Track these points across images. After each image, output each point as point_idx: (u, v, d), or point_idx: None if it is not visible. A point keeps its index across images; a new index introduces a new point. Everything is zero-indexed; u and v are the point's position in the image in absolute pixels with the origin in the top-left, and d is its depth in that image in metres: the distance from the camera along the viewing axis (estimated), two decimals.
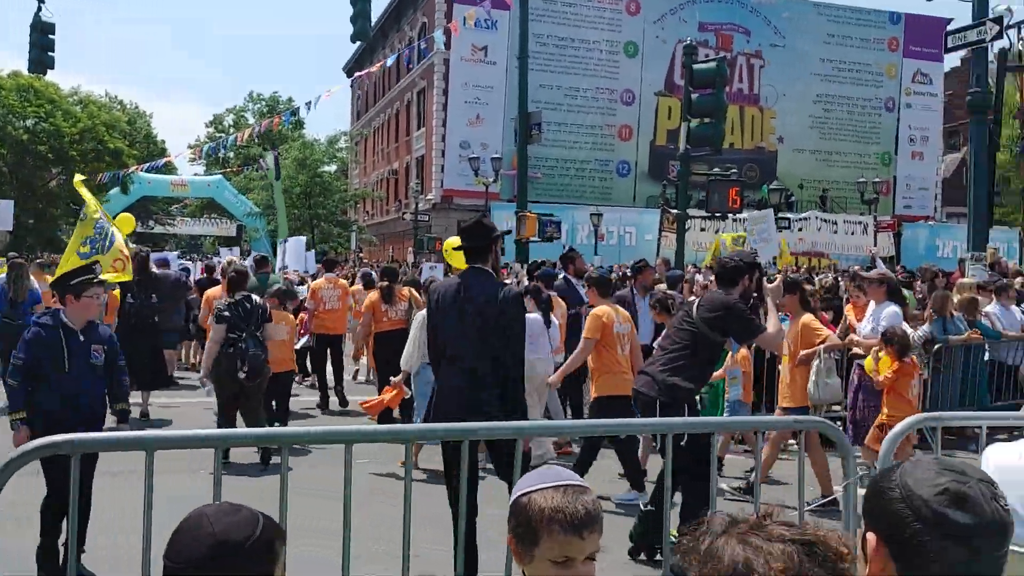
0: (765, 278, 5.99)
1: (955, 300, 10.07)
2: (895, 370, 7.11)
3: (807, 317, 7.23)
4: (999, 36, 13.46)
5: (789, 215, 29.16)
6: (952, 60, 41.18)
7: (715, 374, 7.10)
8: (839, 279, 13.61)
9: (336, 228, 45.07)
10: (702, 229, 27.37)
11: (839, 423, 10.00)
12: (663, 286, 10.48)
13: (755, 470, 3.63)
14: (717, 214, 14.43)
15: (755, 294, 5.56)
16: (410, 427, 5.47)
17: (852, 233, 31.47)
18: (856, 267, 22.99)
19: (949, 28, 15.04)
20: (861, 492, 3.22)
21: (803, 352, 6.96)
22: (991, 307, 10.37)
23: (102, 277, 6.23)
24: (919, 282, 13.90)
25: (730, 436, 8.15)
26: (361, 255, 40.84)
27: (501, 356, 4.64)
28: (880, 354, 7.37)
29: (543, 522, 1.65)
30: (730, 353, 7.57)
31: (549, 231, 20.07)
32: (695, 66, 13.11)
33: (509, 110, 33.73)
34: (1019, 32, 16.46)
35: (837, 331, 8.57)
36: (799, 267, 24.46)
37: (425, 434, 4.40)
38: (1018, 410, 7.98)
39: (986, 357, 10.03)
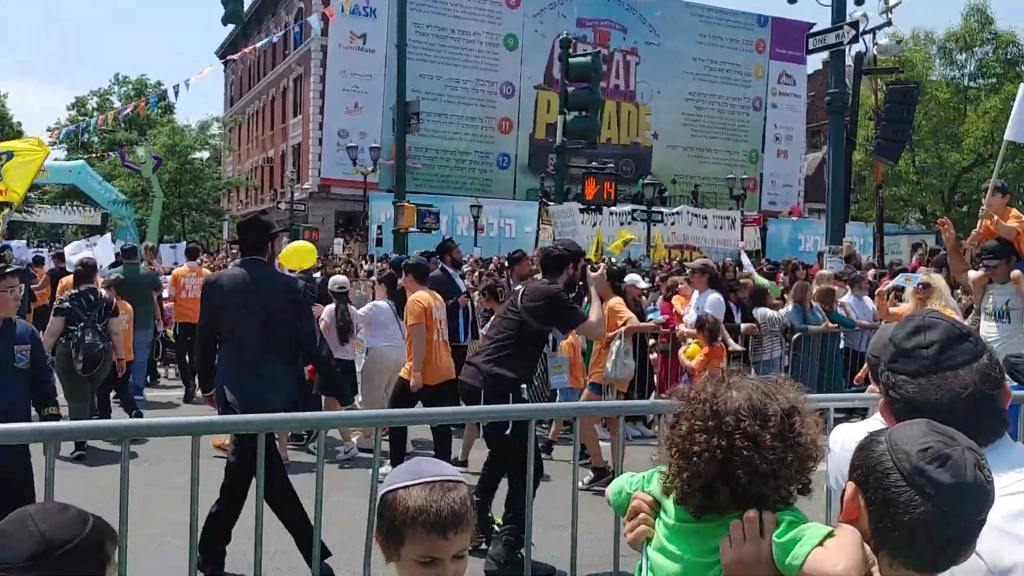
0: (590, 267, 6.13)
1: (814, 291, 10.63)
2: (706, 354, 7.54)
3: (614, 301, 7.62)
4: (855, 40, 14.20)
5: (662, 209, 29.91)
6: (815, 63, 43.12)
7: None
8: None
9: (208, 217, 43.55)
10: (581, 222, 27.84)
11: None
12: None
13: (616, 455, 3.64)
14: (592, 207, 14.65)
15: (580, 283, 5.66)
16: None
17: (721, 227, 32.58)
18: (727, 259, 23.93)
19: (810, 31, 15.75)
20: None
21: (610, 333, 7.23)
22: (846, 297, 10.95)
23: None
24: (782, 274, 14.55)
25: (591, 421, 8.27)
26: (234, 246, 39.58)
27: (289, 344, 4.97)
28: (691, 340, 7.81)
29: (407, 522, 1.59)
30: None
31: (427, 222, 19.98)
32: (571, 60, 13.26)
33: (388, 99, 33.37)
34: (874, 37, 17.34)
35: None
36: (671, 259, 25.20)
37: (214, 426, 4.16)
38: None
39: (841, 344, 10.61)
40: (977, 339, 1.73)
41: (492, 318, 7.00)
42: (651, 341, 10.30)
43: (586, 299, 5.69)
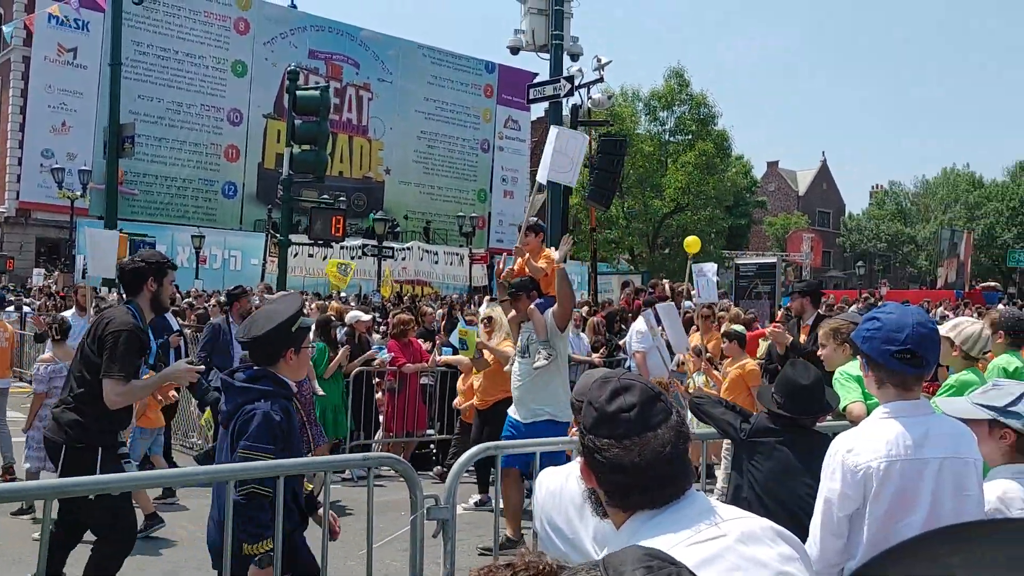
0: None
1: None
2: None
3: None
4: (571, 93, 15.26)
5: (393, 244, 30.18)
6: (538, 110, 45.70)
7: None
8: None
9: None
10: (310, 255, 27.36)
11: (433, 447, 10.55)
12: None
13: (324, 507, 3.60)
14: (319, 241, 14.47)
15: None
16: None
17: (451, 263, 33.50)
18: (455, 295, 24.55)
19: (531, 82, 16.70)
20: (432, 524, 3.35)
21: None
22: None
23: None
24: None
25: None
26: None
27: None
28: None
29: None
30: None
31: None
32: (299, 92, 13.08)
33: (101, 119, 30.92)
34: (588, 91, 18.68)
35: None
36: (402, 294, 25.42)
37: None
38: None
39: None
40: (666, 397, 1.80)
41: None
42: (375, 380, 10.27)
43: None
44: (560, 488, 2.44)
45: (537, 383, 6.32)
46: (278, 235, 14.58)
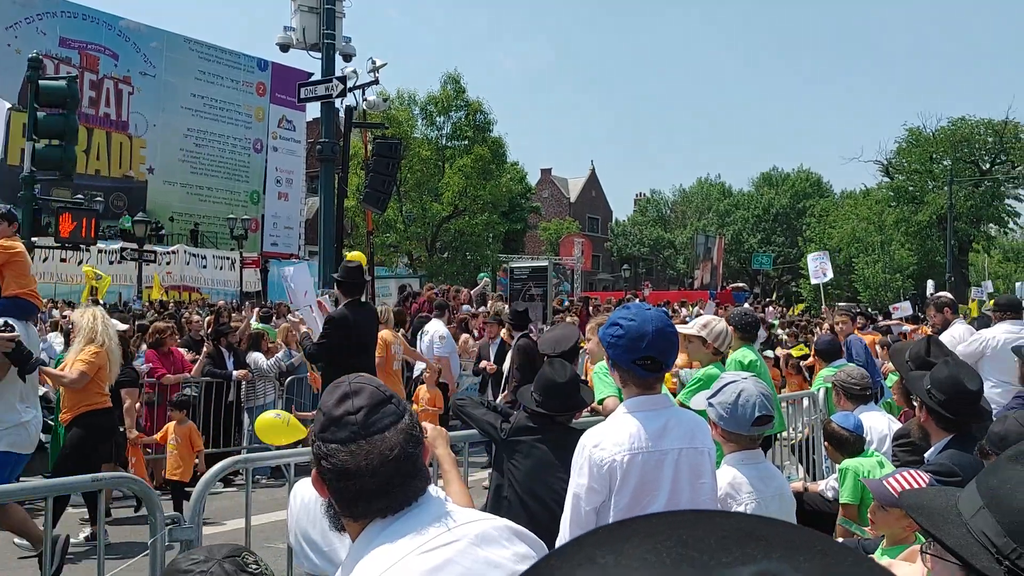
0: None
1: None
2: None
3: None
4: (344, 94, 15.01)
5: (157, 248, 28.43)
6: (314, 111, 44.72)
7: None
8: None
9: None
10: (63, 260, 25.17)
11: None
12: None
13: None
14: (68, 244, 13.31)
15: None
16: None
17: (221, 268, 31.99)
18: (222, 301, 23.43)
19: (302, 81, 16.28)
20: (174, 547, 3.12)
21: None
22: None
23: None
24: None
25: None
26: None
27: None
28: None
29: None
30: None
31: None
32: (42, 82, 11.98)
33: None
34: (363, 93, 18.47)
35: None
36: (169, 300, 23.97)
37: None
38: None
39: None
40: (399, 400, 1.77)
41: None
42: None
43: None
44: (315, 499, 2.37)
45: None
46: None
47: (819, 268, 23.13)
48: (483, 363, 10.64)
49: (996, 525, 1.46)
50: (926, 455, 3.95)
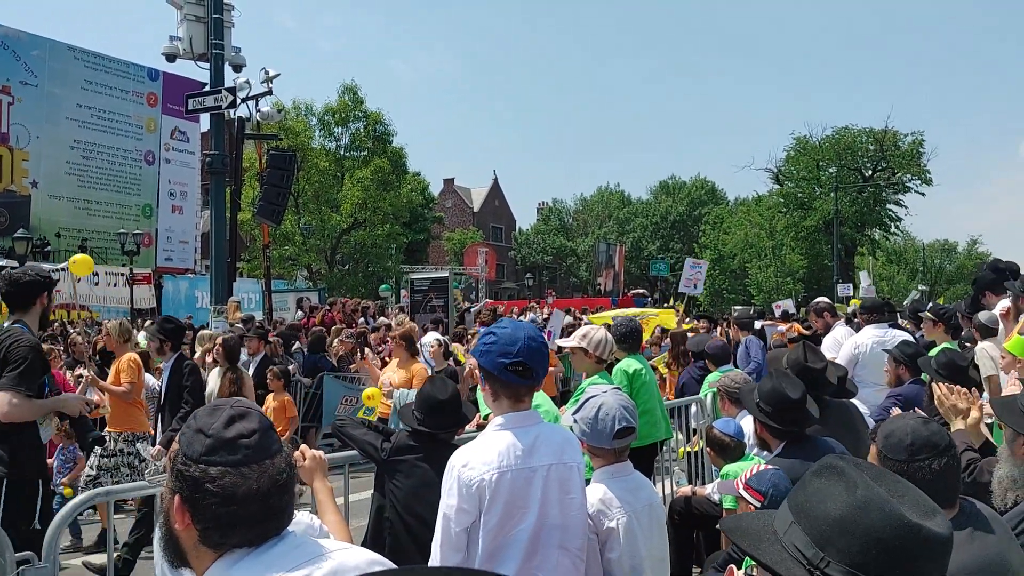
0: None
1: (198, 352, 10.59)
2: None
3: None
4: (234, 105, 14.67)
5: (44, 265, 27.21)
6: (208, 122, 43.64)
7: None
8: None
9: None
10: None
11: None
12: None
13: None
14: None
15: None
16: None
17: (114, 285, 30.85)
18: (120, 319, 22.52)
19: (190, 92, 15.85)
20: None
21: None
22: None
23: None
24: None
25: None
26: None
27: None
28: None
29: None
30: None
31: None
32: None
33: None
34: (257, 104, 18.11)
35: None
36: (51, 321, 22.96)
37: None
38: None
39: None
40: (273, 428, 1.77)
41: None
42: None
43: None
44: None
45: None
46: None
47: (693, 278, 21.07)
48: None
49: (805, 537, 1.54)
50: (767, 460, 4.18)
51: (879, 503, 1.50)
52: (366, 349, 13.38)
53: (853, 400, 5.58)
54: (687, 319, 15.82)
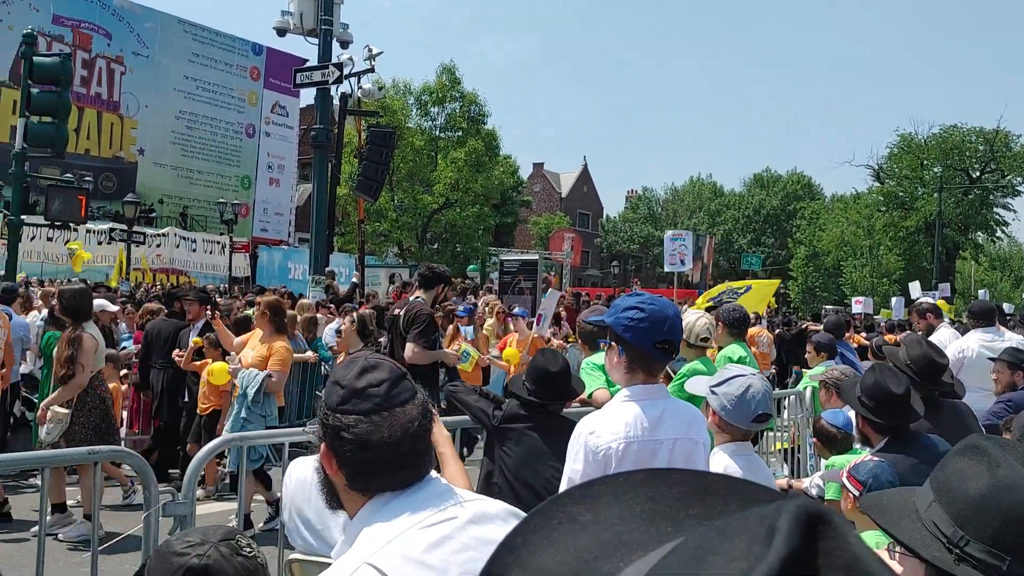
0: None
1: (299, 320, 10.89)
2: None
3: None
4: (340, 81, 14.95)
5: (147, 230, 28.30)
6: (308, 97, 44.57)
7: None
8: None
9: None
10: (49, 239, 25.00)
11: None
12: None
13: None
14: (57, 223, 13.23)
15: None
16: None
17: (211, 252, 31.85)
18: (211, 285, 23.35)
19: (298, 67, 16.21)
20: (167, 520, 3.13)
21: None
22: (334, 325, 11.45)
23: None
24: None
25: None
26: None
27: None
28: None
29: None
30: None
31: None
32: (36, 59, 11.89)
33: None
34: (359, 80, 18.39)
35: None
36: (156, 284, 23.88)
37: None
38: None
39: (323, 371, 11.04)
40: (411, 378, 1.83)
41: None
42: (123, 372, 9.62)
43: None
44: (310, 478, 2.39)
45: None
46: (7, 212, 13.21)
47: (677, 252, 19.02)
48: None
49: (945, 515, 1.55)
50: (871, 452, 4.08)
51: (1022, 483, 1.49)
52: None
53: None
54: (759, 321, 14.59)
